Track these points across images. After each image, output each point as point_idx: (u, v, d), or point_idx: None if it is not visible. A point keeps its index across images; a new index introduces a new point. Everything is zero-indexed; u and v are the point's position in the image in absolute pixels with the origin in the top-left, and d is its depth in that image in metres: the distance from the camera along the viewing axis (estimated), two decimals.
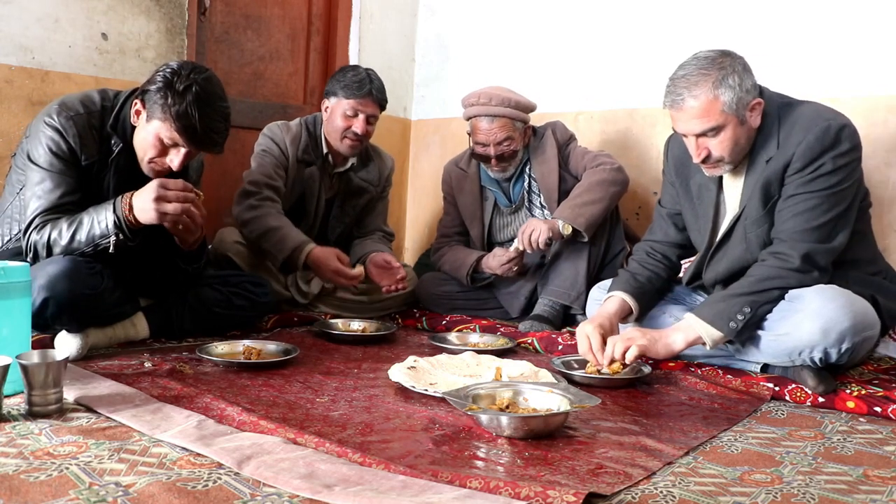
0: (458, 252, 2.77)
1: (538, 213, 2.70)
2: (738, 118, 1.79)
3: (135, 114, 1.90)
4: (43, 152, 1.86)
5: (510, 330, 2.45)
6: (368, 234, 2.84)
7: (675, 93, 1.81)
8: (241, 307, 2.25)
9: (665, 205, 2.18)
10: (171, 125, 1.82)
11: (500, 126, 2.56)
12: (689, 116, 1.80)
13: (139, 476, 1.11)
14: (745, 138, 1.84)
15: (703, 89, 1.77)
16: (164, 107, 1.81)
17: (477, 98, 2.58)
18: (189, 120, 1.81)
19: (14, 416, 1.37)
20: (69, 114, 1.87)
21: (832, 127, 1.77)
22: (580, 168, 2.63)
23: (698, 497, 1.12)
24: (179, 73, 1.83)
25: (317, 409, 1.51)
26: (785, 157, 1.80)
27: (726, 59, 1.79)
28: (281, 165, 2.61)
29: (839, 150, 1.76)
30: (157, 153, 1.88)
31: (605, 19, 3.16)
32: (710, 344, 1.78)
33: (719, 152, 1.83)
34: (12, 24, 2.47)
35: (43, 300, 1.73)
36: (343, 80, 2.58)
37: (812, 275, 1.77)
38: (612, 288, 2.07)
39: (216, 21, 3.16)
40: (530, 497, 1.07)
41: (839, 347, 1.68)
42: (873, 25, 2.51)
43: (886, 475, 1.26)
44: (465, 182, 2.80)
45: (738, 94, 1.77)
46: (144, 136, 1.88)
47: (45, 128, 1.87)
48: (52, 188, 1.86)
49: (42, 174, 1.86)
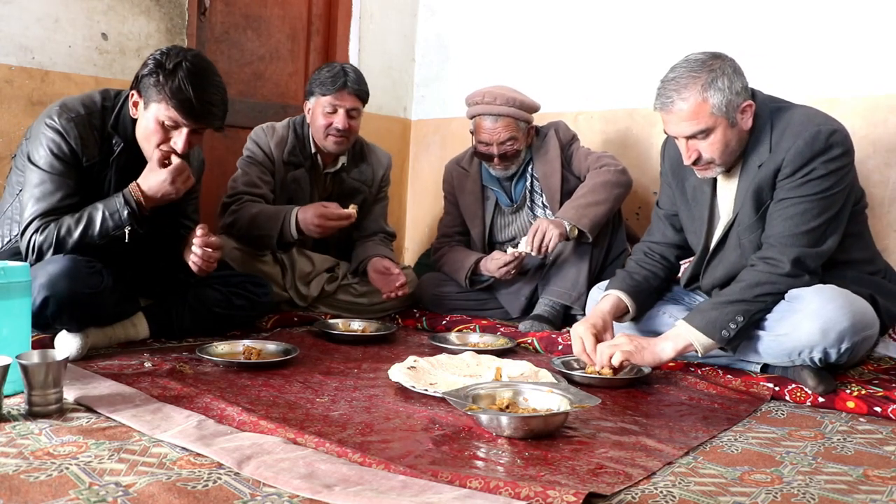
0: (457, 253, 2.77)
1: (540, 212, 2.69)
2: (728, 120, 1.79)
3: (133, 105, 1.90)
4: (44, 154, 1.86)
5: (510, 330, 2.45)
6: (369, 235, 2.82)
7: (665, 95, 1.81)
8: (241, 307, 2.25)
9: (662, 206, 2.18)
10: (167, 104, 1.82)
11: (503, 126, 2.56)
12: (678, 119, 1.81)
13: (139, 476, 1.11)
14: (737, 140, 1.84)
15: (691, 92, 1.77)
16: (159, 87, 1.81)
17: (482, 97, 2.58)
18: (184, 94, 1.80)
19: (14, 416, 1.37)
20: (70, 115, 1.87)
21: (822, 132, 1.77)
22: (583, 169, 2.63)
23: (698, 497, 1.12)
24: (168, 54, 1.85)
25: (317, 409, 1.51)
26: (775, 163, 1.81)
27: (716, 62, 1.79)
28: (266, 170, 2.61)
29: (829, 155, 1.76)
30: (161, 138, 1.87)
31: (606, 19, 3.17)
32: (702, 351, 1.78)
33: (709, 154, 1.83)
34: (12, 24, 2.47)
35: (43, 299, 1.73)
36: (318, 77, 2.58)
37: (803, 278, 1.77)
38: (608, 287, 2.07)
39: (216, 21, 3.16)
40: (530, 497, 1.07)
41: (839, 347, 1.68)
42: (873, 25, 2.51)
43: (886, 475, 1.26)
44: (467, 181, 2.80)
45: (728, 96, 1.77)
46: (145, 125, 1.87)
47: (46, 129, 1.87)
48: (52, 191, 1.86)
49: (42, 176, 1.86)
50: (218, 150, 3.20)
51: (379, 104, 3.70)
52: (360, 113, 2.62)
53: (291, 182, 2.64)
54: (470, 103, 2.64)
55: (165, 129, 1.87)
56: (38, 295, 1.71)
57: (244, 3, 3.26)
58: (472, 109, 2.63)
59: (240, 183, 2.57)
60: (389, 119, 3.78)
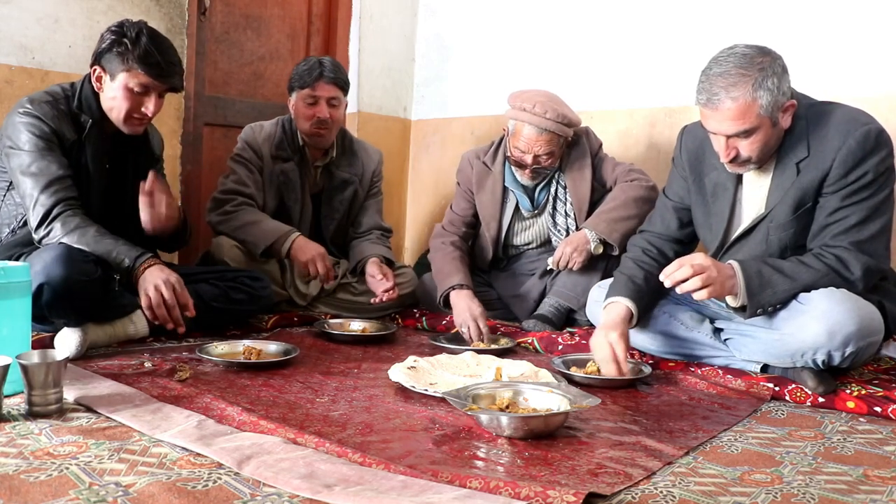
0: (446, 264, 2.60)
1: (561, 219, 2.62)
2: (771, 120, 1.74)
3: (96, 81, 2.01)
4: (27, 138, 1.94)
5: (510, 330, 2.45)
6: (365, 233, 2.82)
7: (711, 91, 1.73)
8: (240, 301, 2.25)
9: (671, 196, 2.11)
10: (136, 70, 1.94)
11: (546, 140, 2.45)
12: (723, 117, 1.74)
13: (139, 476, 1.11)
14: (776, 139, 1.80)
15: (741, 91, 1.70)
16: (124, 56, 1.94)
17: (531, 105, 2.42)
18: (152, 58, 1.94)
19: (14, 416, 1.37)
20: (41, 101, 1.98)
21: (872, 131, 1.74)
22: (611, 178, 2.59)
23: (698, 497, 1.12)
24: (124, 25, 1.98)
25: (317, 409, 1.51)
26: (823, 164, 1.76)
27: (766, 59, 1.73)
28: (255, 167, 2.62)
29: (881, 154, 1.73)
30: (131, 104, 1.98)
31: (605, 20, 3.17)
32: (733, 304, 1.78)
33: (748, 153, 1.78)
34: (12, 24, 2.47)
35: (38, 286, 1.74)
36: (296, 72, 2.62)
37: (857, 288, 1.74)
38: (611, 293, 2.01)
39: (216, 21, 3.16)
40: (530, 497, 1.07)
41: (843, 351, 1.67)
42: (873, 25, 2.51)
43: (886, 475, 1.26)
44: (488, 179, 2.68)
45: (776, 96, 1.72)
46: (114, 95, 1.98)
47: (21, 118, 1.95)
48: (47, 164, 1.94)
49: (32, 155, 1.94)
50: (218, 150, 3.20)
51: (379, 104, 3.70)
52: (340, 102, 2.63)
53: (280, 174, 2.65)
54: (516, 107, 2.48)
55: (135, 96, 1.98)
56: (34, 283, 1.72)
57: (244, 3, 3.26)
58: (516, 114, 2.48)
59: (230, 181, 2.58)
60: (389, 119, 3.78)
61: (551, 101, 2.46)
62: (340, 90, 2.62)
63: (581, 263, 2.45)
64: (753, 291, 1.73)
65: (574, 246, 2.45)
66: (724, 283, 1.73)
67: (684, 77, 2.79)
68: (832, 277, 1.74)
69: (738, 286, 1.74)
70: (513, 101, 2.51)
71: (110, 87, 1.97)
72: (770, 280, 1.74)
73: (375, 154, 2.88)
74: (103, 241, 1.93)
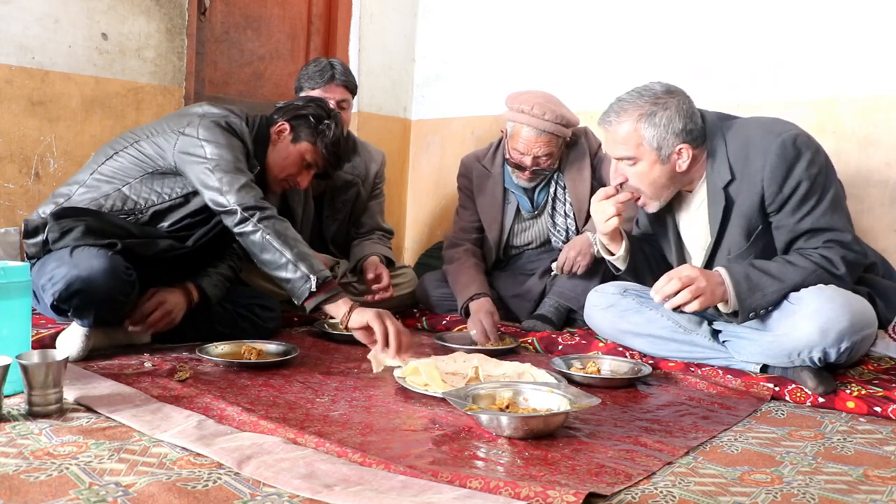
0: (462, 274, 2.59)
1: (560, 220, 2.63)
2: (658, 156, 1.81)
3: (276, 132, 2.06)
4: (215, 138, 1.91)
5: (511, 329, 2.45)
6: (366, 233, 2.82)
7: (608, 114, 1.86)
8: (243, 329, 2.17)
9: (641, 227, 2.19)
10: (320, 150, 2.08)
11: (545, 141, 2.45)
12: (612, 138, 1.86)
13: (139, 476, 1.11)
14: (668, 178, 1.85)
15: (627, 119, 1.81)
16: (316, 133, 2.07)
17: (530, 107, 2.41)
18: (338, 148, 2.11)
19: (14, 416, 1.37)
20: (231, 120, 1.99)
21: (787, 141, 1.76)
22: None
23: (698, 497, 1.12)
24: (325, 108, 2.13)
25: (317, 409, 1.51)
26: (755, 187, 1.79)
27: (667, 98, 1.81)
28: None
29: (806, 159, 1.76)
30: (294, 171, 2.10)
31: (605, 20, 3.17)
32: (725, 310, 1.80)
33: (635, 182, 1.87)
34: (12, 24, 2.47)
35: (75, 290, 1.68)
36: (306, 72, 2.62)
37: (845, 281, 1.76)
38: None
39: (216, 21, 3.16)
40: (530, 497, 1.07)
41: (838, 347, 1.68)
42: (873, 25, 2.51)
43: (886, 475, 1.26)
44: (488, 182, 2.68)
45: (663, 133, 1.79)
46: (286, 155, 2.08)
47: (211, 126, 1.92)
48: (237, 157, 1.92)
49: (231, 152, 1.91)
50: None
51: (379, 104, 3.70)
52: (349, 105, 2.66)
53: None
54: (513, 108, 2.47)
55: (301, 166, 2.10)
56: (70, 282, 1.67)
57: (244, 3, 3.26)
58: (514, 115, 2.47)
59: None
60: (389, 119, 3.78)
61: (549, 102, 2.46)
62: (350, 93, 2.64)
63: (585, 267, 2.45)
64: (743, 296, 1.76)
65: (578, 250, 2.46)
66: (714, 292, 1.76)
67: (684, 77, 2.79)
68: (820, 274, 1.75)
69: (728, 292, 1.77)
70: (510, 103, 2.50)
71: (287, 146, 2.08)
72: (759, 283, 1.76)
73: (378, 155, 2.88)
74: (287, 251, 1.85)
